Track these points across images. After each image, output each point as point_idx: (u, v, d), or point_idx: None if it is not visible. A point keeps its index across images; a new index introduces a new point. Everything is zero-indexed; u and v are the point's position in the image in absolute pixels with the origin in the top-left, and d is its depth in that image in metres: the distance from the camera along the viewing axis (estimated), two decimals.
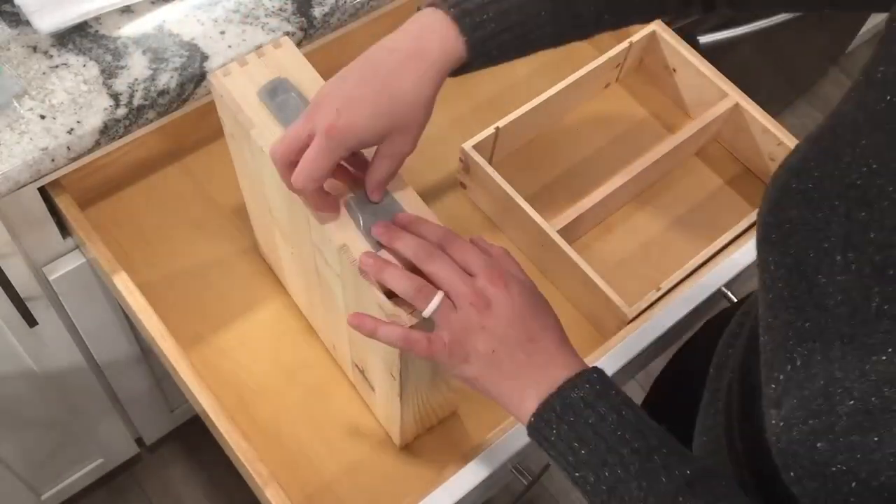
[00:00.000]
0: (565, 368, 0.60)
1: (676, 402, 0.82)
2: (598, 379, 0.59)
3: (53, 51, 0.83)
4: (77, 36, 0.84)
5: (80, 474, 1.35)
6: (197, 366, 0.83)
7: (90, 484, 1.40)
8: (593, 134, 1.06)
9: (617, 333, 0.86)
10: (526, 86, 1.08)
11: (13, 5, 0.83)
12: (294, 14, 0.88)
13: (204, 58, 0.84)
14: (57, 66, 0.82)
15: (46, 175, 0.81)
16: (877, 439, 0.41)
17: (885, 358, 0.43)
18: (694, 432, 0.71)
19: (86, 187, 0.93)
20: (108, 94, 0.81)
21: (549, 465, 1.08)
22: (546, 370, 0.60)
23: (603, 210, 0.97)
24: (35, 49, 0.83)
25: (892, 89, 0.46)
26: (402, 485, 0.82)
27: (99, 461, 1.37)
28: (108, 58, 0.83)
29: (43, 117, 0.79)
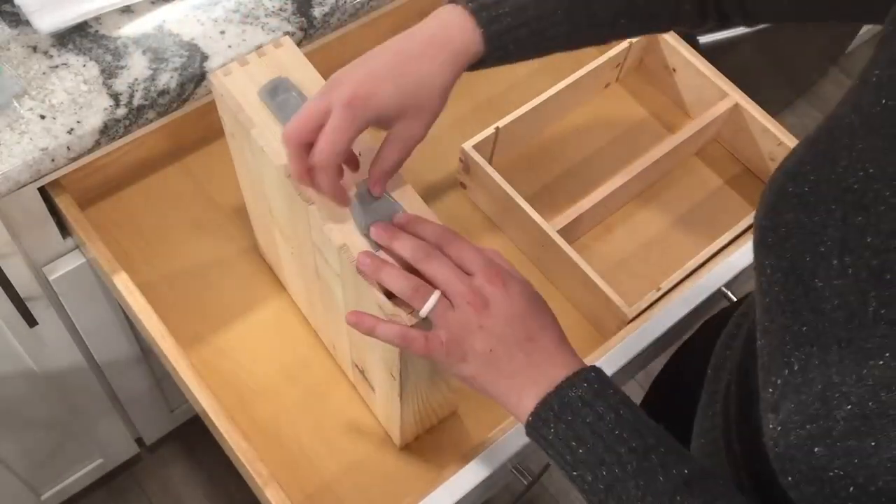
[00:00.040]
0: (563, 367, 0.60)
1: (674, 403, 0.82)
2: (597, 378, 0.59)
3: (53, 51, 0.83)
4: (77, 36, 0.84)
5: (80, 474, 1.35)
6: (197, 366, 0.83)
7: (90, 484, 1.40)
8: (593, 134, 1.06)
9: (617, 333, 0.86)
10: (526, 86, 1.08)
11: (13, 5, 0.83)
12: (294, 14, 0.88)
13: (204, 58, 0.84)
14: (57, 66, 0.82)
15: (46, 175, 0.81)
16: (874, 444, 0.41)
17: (882, 362, 0.43)
18: (692, 434, 0.71)
19: (86, 187, 0.93)
20: (108, 94, 0.81)
21: (549, 465, 1.08)
22: (544, 369, 0.60)
23: (603, 210, 0.97)
24: (35, 49, 0.83)
25: (887, 92, 0.46)
26: (402, 485, 0.82)
27: (99, 461, 1.37)
28: (108, 58, 0.83)
29: (43, 117, 0.79)
